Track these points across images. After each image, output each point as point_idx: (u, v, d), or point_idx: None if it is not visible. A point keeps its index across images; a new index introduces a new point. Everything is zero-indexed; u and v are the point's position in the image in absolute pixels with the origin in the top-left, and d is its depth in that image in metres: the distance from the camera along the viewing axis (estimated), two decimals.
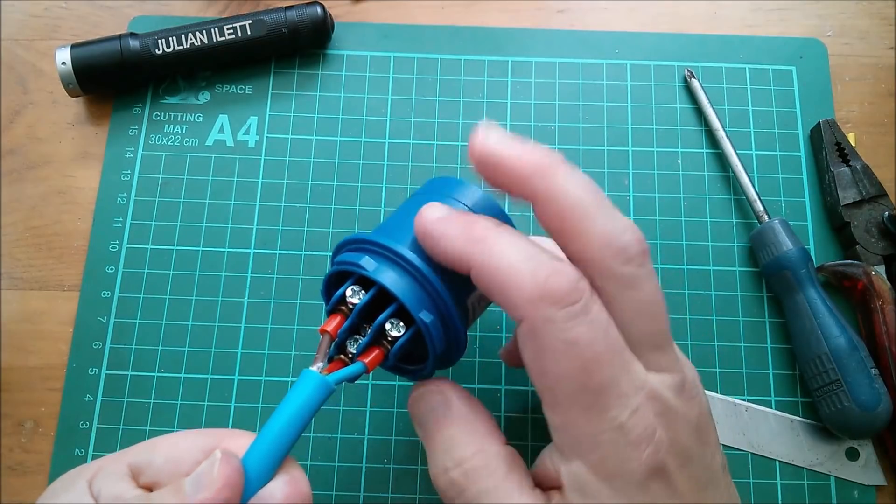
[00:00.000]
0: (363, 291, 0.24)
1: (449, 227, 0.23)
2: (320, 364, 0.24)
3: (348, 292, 0.24)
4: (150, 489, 0.22)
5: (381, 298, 0.24)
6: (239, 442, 0.23)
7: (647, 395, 0.22)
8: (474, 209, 0.26)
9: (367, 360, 0.24)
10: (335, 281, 0.26)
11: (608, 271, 0.22)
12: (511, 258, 0.22)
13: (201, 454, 0.23)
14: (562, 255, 0.23)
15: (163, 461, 0.23)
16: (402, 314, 0.24)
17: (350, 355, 0.25)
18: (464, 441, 0.24)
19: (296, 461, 0.23)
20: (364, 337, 0.25)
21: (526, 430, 0.35)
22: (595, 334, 0.21)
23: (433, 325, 0.24)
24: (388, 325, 0.24)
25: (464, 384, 0.35)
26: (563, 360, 0.21)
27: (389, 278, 0.24)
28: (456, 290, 0.25)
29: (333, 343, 0.25)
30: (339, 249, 0.26)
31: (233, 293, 0.37)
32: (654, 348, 0.22)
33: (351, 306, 0.24)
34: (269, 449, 0.22)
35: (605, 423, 0.21)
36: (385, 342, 0.25)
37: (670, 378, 0.23)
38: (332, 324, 0.24)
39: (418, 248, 0.24)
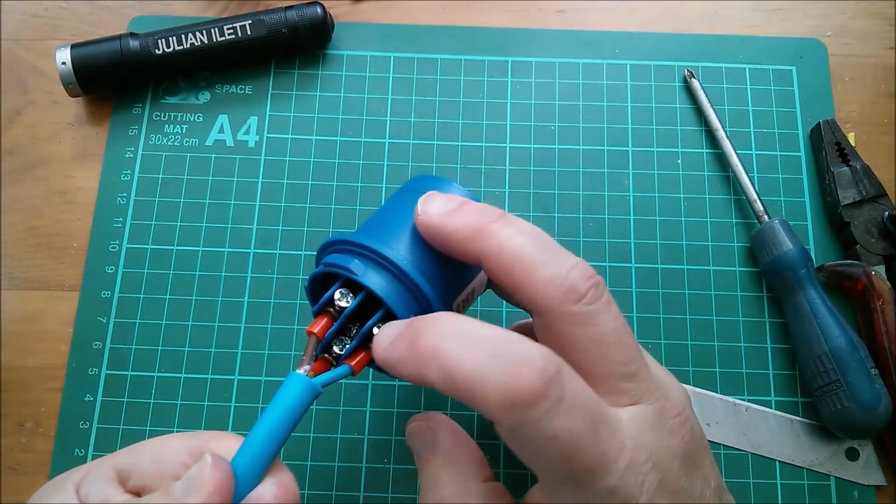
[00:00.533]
0: (351, 295, 0.24)
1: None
2: (307, 367, 0.24)
3: (336, 295, 0.24)
4: (137, 493, 0.22)
5: (369, 300, 0.24)
6: (225, 444, 0.23)
7: (631, 448, 0.21)
8: None
9: (353, 363, 0.25)
10: (321, 281, 0.26)
11: (562, 315, 0.22)
12: (471, 363, 0.20)
13: (188, 457, 0.23)
14: None
15: (149, 464, 0.23)
16: (390, 317, 0.24)
17: (336, 355, 0.25)
18: (444, 479, 0.24)
19: (283, 463, 0.23)
20: (351, 339, 0.25)
21: None
22: (573, 421, 0.20)
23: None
24: (375, 330, 0.24)
25: None
26: (545, 454, 0.20)
27: (378, 284, 0.24)
28: (444, 291, 0.25)
29: (320, 344, 0.25)
30: (324, 249, 0.26)
31: (233, 293, 0.37)
32: (626, 378, 0.22)
33: (339, 309, 0.24)
34: (257, 452, 0.22)
35: (596, 494, 0.21)
36: (370, 343, 0.24)
37: (647, 409, 0.22)
38: (319, 325, 0.24)
39: (406, 250, 0.24)
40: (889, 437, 0.34)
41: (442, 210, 0.24)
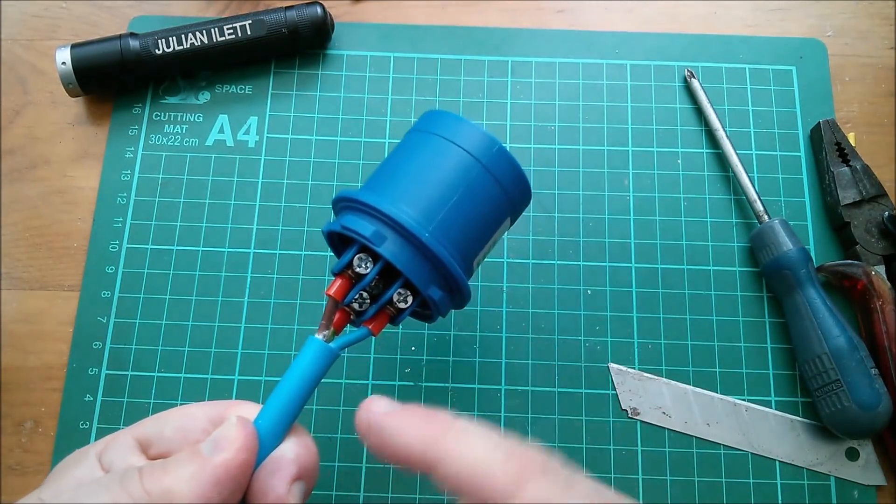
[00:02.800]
0: (370, 261, 0.24)
1: (402, 422, 0.22)
2: (326, 331, 0.24)
3: (355, 261, 0.24)
4: (160, 459, 0.23)
5: (388, 268, 0.24)
6: (245, 410, 0.24)
7: None
8: (472, 152, 0.25)
9: (372, 326, 0.25)
10: (339, 236, 0.26)
11: None
12: (478, 453, 0.20)
13: (209, 424, 0.23)
14: None
15: (171, 432, 0.23)
16: (409, 284, 0.24)
17: (356, 311, 0.25)
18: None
19: (302, 426, 0.24)
20: (371, 298, 0.25)
21: (526, 430, 0.35)
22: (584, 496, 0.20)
23: (441, 300, 0.24)
24: (395, 297, 0.24)
25: (464, 384, 0.36)
26: None
27: (396, 256, 0.23)
28: (466, 249, 0.25)
29: (338, 306, 0.25)
30: (341, 203, 0.25)
31: (233, 293, 0.37)
32: None
33: (356, 273, 0.24)
34: (278, 414, 0.23)
35: None
36: (390, 308, 0.25)
37: None
38: (336, 287, 0.24)
39: (426, 211, 0.24)
40: (889, 437, 0.34)
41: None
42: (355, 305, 0.25)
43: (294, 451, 0.23)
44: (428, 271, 0.24)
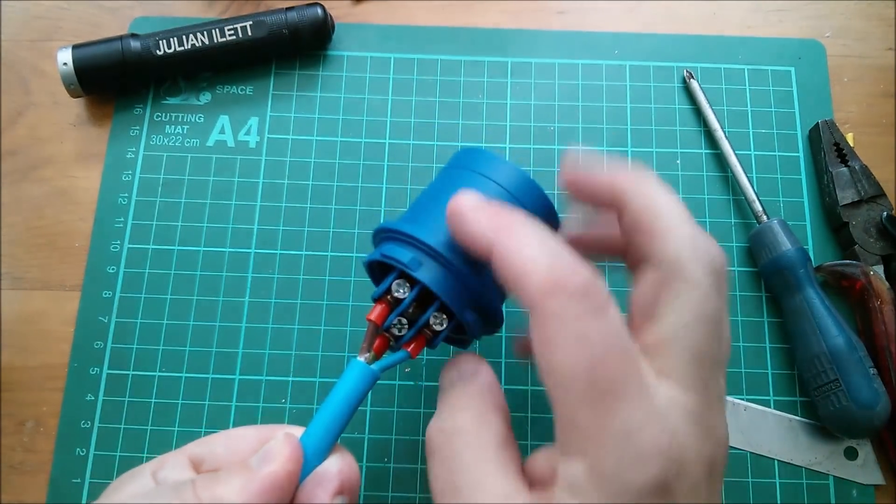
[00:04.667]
0: (407, 286, 0.26)
1: (478, 213, 0.24)
2: (367, 354, 0.25)
3: (393, 286, 0.26)
4: None
5: (425, 290, 0.25)
6: (293, 431, 0.25)
7: (658, 411, 0.21)
8: (507, 187, 0.27)
9: (410, 349, 0.26)
10: (379, 264, 0.27)
11: (689, 273, 0.23)
12: (532, 249, 0.22)
13: (258, 443, 0.24)
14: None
15: (223, 450, 0.24)
16: (445, 308, 0.26)
17: (395, 336, 0.26)
18: (468, 409, 0.24)
19: (343, 446, 0.25)
20: (409, 323, 0.26)
21: (526, 430, 0.35)
22: (606, 335, 0.21)
23: (475, 323, 0.26)
24: (431, 320, 0.26)
25: None
26: (572, 353, 0.21)
27: (432, 279, 0.25)
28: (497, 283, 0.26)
29: (378, 331, 0.26)
30: (381, 235, 0.27)
31: (233, 293, 0.37)
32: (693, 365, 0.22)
33: (395, 298, 0.26)
34: (322, 432, 0.24)
35: (613, 426, 0.20)
36: (427, 331, 0.26)
37: (688, 398, 0.22)
38: (377, 312, 0.26)
39: (434, 236, 0.25)
40: (887, 436, 0.34)
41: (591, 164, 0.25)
42: (395, 330, 0.26)
43: (338, 467, 0.24)
44: (462, 295, 0.25)
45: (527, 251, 0.22)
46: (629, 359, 0.21)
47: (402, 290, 0.26)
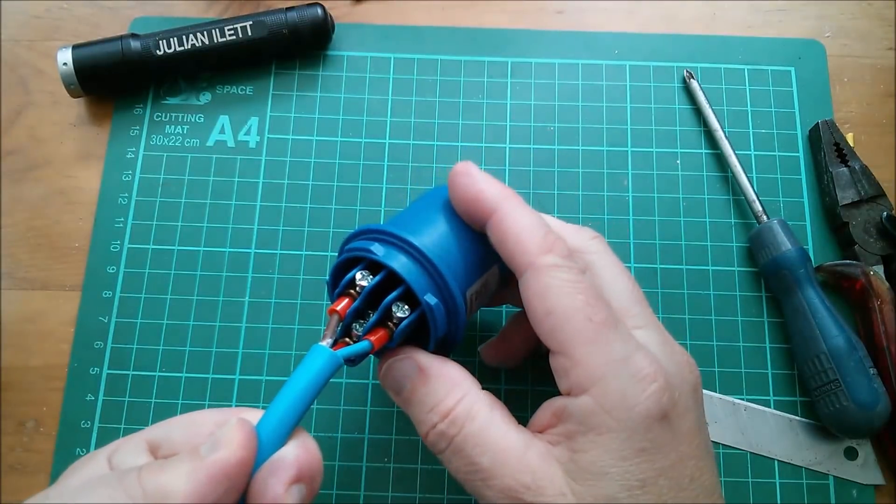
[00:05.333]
0: (371, 276, 0.25)
1: (486, 177, 0.27)
2: (329, 340, 0.25)
3: (358, 276, 0.25)
4: None
5: (388, 284, 0.25)
6: (251, 416, 0.24)
7: (641, 344, 0.24)
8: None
9: (373, 339, 0.25)
10: (343, 269, 0.27)
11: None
12: (530, 218, 0.25)
13: (215, 427, 0.23)
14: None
15: (179, 434, 0.24)
16: (408, 299, 0.25)
17: (356, 337, 0.26)
18: (443, 393, 0.25)
19: (304, 429, 0.24)
20: (370, 319, 0.26)
21: None
22: (591, 286, 0.25)
23: (437, 308, 0.25)
24: (393, 308, 0.25)
25: None
26: (568, 295, 0.24)
27: (398, 262, 0.25)
28: (460, 277, 0.26)
29: (341, 324, 0.25)
30: (347, 241, 0.27)
31: (234, 293, 0.37)
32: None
33: (359, 289, 0.25)
34: (280, 417, 0.23)
35: (610, 354, 0.23)
36: (390, 324, 0.25)
37: (650, 334, 0.26)
38: (341, 304, 0.25)
39: (426, 236, 0.26)
40: (888, 436, 0.34)
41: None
42: (355, 331, 0.26)
43: (294, 454, 0.23)
44: (426, 282, 0.25)
45: (526, 219, 0.25)
46: (608, 304, 0.25)
47: (366, 280, 0.25)
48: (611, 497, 0.23)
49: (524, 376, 0.36)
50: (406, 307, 0.25)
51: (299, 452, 0.23)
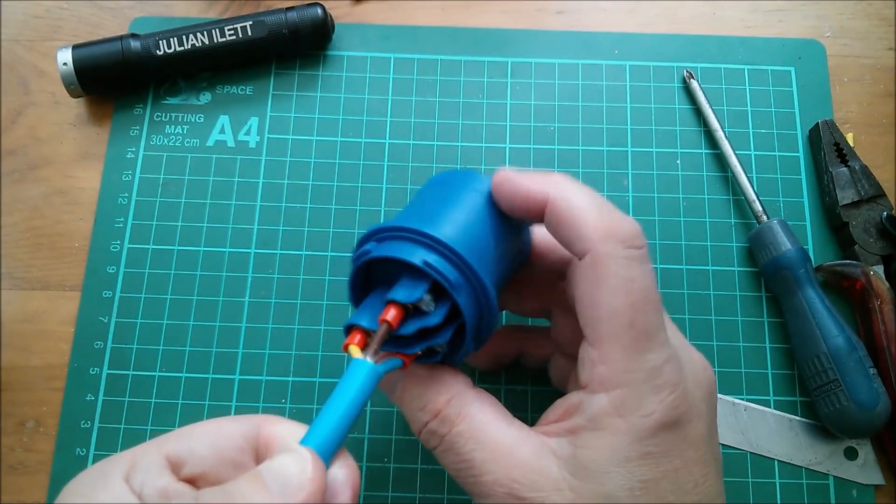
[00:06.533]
0: (433, 302, 0.24)
1: (524, 175, 0.26)
2: (372, 352, 0.23)
3: (424, 299, 0.24)
4: (192, 481, 0.21)
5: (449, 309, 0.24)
6: (280, 428, 0.22)
7: (674, 353, 0.24)
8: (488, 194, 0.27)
9: (407, 359, 0.25)
10: (368, 270, 0.26)
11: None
12: (585, 198, 0.24)
13: (244, 442, 0.22)
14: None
15: (206, 450, 0.21)
16: (436, 293, 0.24)
17: (396, 342, 0.25)
18: (433, 393, 0.25)
19: (345, 448, 0.23)
20: (415, 339, 0.25)
21: None
22: (649, 280, 0.24)
23: (469, 351, 0.25)
24: (425, 307, 0.24)
25: None
26: (619, 294, 0.23)
27: (465, 304, 0.24)
28: (496, 290, 0.26)
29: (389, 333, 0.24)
30: (378, 234, 0.25)
31: (234, 293, 0.37)
32: (651, 326, 0.24)
33: (417, 308, 0.24)
34: (328, 437, 0.22)
35: (641, 363, 0.23)
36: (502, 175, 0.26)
37: (673, 335, 0.25)
38: (391, 313, 0.24)
39: (475, 255, 0.25)
40: (888, 436, 0.34)
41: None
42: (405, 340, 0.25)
43: (344, 474, 0.22)
44: (475, 309, 0.25)
45: (579, 200, 0.24)
46: (659, 308, 0.24)
47: (430, 306, 0.24)
48: (610, 496, 0.22)
49: (524, 376, 0.36)
50: (448, 334, 0.24)
51: (349, 473, 0.22)
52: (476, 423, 0.24)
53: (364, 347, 0.24)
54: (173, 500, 0.20)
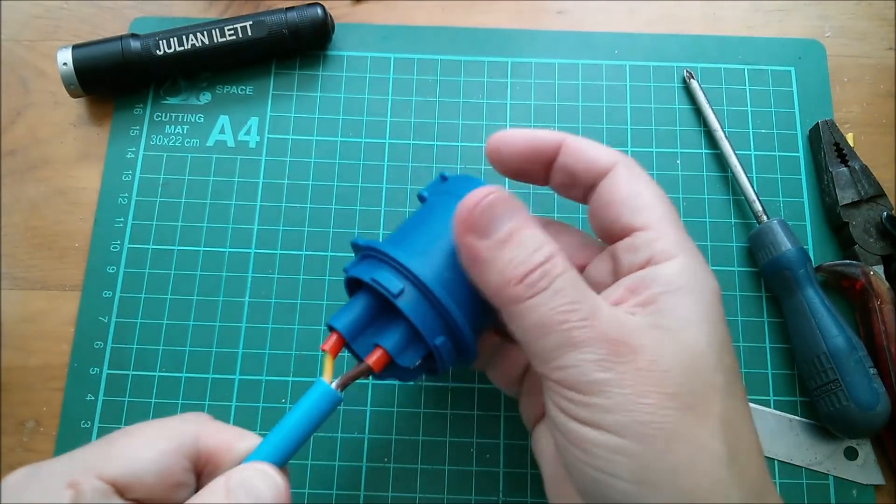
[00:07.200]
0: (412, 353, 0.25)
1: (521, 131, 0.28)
2: (340, 386, 0.25)
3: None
4: (138, 502, 0.22)
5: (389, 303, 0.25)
6: (219, 438, 0.23)
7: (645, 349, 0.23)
8: None
9: (372, 362, 0.25)
10: (355, 282, 0.27)
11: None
12: (588, 141, 0.27)
13: (186, 461, 0.23)
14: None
15: (153, 479, 0.22)
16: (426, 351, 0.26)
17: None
18: (543, 239, 0.24)
19: (286, 471, 0.24)
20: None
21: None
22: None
23: (443, 345, 0.25)
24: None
25: (463, 384, 0.36)
26: (654, 186, 0.26)
27: (414, 310, 0.24)
28: (472, 314, 0.26)
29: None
30: (366, 252, 0.26)
31: (233, 293, 0.37)
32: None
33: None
34: (279, 456, 0.23)
35: (690, 240, 0.26)
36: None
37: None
38: (375, 357, 0.25)
39: (438, 275, 0.25)
40: (888, 436, 0.34)
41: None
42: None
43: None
44: (437, 326, 0.25)
45: (585, 142, 0.27)
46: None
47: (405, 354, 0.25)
48: (698, 354, 0.22)
49: None
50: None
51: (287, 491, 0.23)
52: (580, 279, 0.24)
53: (336, 354, 0.25)
54: None
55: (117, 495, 0.21)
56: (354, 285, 0.27)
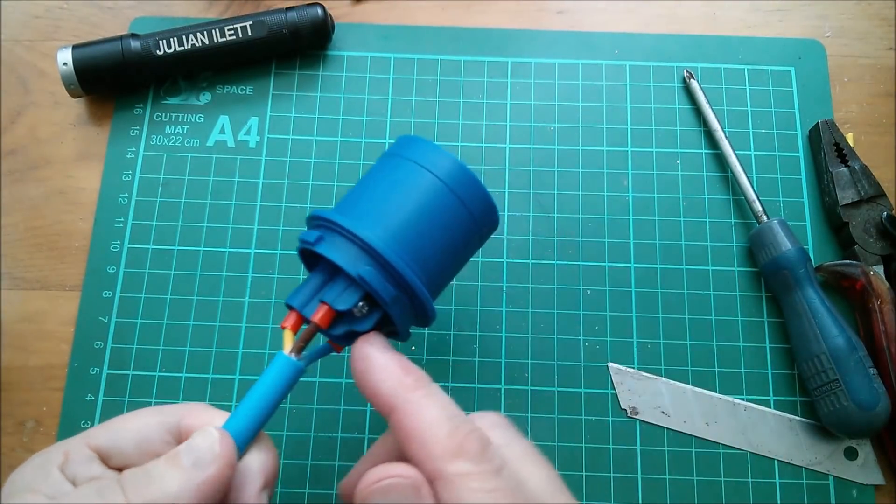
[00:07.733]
0: (366, 307, 0.25)
1: (387, 362, 0.24)
2: (296, 352, 0.25)
3: (358, 305, 0.25)
4: (120, 470, 0.23)
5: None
6: (201, 418, 0.24)
7: None
8: (444, 179, 0.26)
9: (316, 319, 0.25)
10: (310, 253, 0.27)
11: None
12: (435, 413, 0.22)
13: (167, 434, 0.24)
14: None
15: (131, 446, 0.23)
16: (370, 298, 0.25)
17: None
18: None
19: (266, 434, 0.25)
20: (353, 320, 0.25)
21: (526, 429, 0.35)
22: (509, 490, 0.21)
23: (395, 300, 0.25)
24: (354, 310, 0.25)
25: (464, 384, 0.36)
26: None
27: (344, 259, 0.24)
28: (431, 272, 0.26)
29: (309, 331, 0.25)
30: (316, 221, 0.26)
31: (234, 293, 0.37)
32: None
33: (348, 312, 0.25)
34: (246, 424, 0.24)
35: None
36: (355, 310, 0.25)
37: None
38: (321, 314, 0.25)
39: (395, 236, 0.25)
40: (887, 436, 0.34)
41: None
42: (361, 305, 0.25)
43: (260, 463, 0.24)
44: (407, 313, 0.25)
45: (430, 413, 0.22)
46: None
47: (361, 310, 0.25)
48: None
49: (524, 377, 0.36)
50: (366, 306, 0.25)
51: (265, 461, 0.24)
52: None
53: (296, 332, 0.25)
54: (102, 482, 0.22)
55: (99, 461, 0.23)
56: (308, 257, 0.27)
